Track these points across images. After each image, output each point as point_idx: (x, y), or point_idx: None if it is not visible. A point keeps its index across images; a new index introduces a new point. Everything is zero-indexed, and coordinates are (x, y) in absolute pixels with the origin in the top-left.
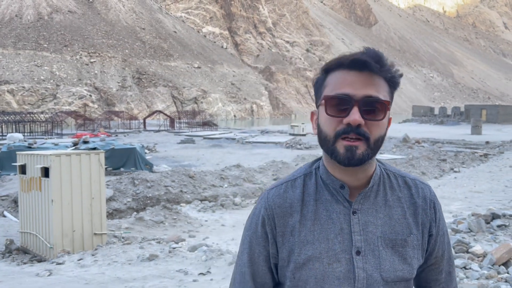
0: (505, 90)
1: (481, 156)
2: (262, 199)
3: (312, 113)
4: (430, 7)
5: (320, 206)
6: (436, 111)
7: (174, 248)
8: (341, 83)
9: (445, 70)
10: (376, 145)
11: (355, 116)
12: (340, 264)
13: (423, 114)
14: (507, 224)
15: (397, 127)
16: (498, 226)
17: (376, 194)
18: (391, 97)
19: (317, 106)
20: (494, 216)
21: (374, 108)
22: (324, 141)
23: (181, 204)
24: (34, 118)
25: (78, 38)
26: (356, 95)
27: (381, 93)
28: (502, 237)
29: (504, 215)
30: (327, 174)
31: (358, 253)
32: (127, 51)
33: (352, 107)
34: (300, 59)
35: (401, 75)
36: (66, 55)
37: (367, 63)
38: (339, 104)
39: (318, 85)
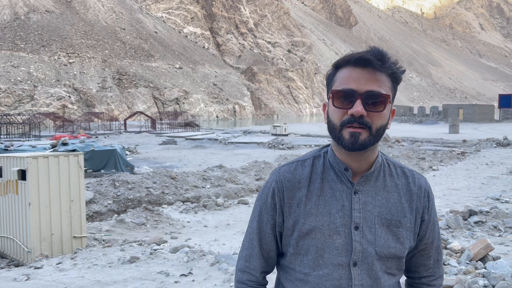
0: (481, 90)
1: (458, 154)
2: (274, 174)
3: (324, 105)
4: (408, 9)
5: (326, 184)
6: (415, 111)
7: (155, 250)
8: (347, 79)
9: (424, 70)
10: (377, 133)
11: (358, 108)
12: (340, 237)
13: (403, 114)
14: (483, 220)
15: None
16: (475, 223)
17: (377, 179)
18: (394, 91)
19: (328, 99)
20: (471, 213)
21: (376, 101)
22: (332, 129)
23: (163, 206)
24: (11, 120)
25: (56, 38)
26: (359, 90)
27: (383, 87)
28: (479, 233)
29: (481, 212)
30: (334, 158)
31: (356, 228)
32: (107, 51)
33: (356, 100)
34: (282, 59)
35: (403, 71)
36: (44, 55)
37: (370, 61)
38: (345, 97)
39: (329, 79)
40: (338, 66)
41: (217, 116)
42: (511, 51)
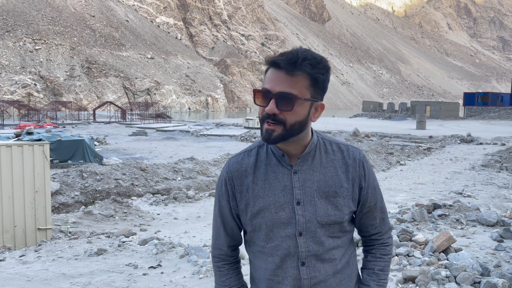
0: (447, 88)
1: (424, 149)
2: (225, 165)
3: None
4: (380, 6)
5: (269, 169)
6: (385, 107)
7: (124, 242)
8: (267, 79)
9: (394, 67)
10: (292, 128)
11: (270, 107)
12: (284, 212)
13: (373, 109)
14: (447, 213)
15: (347, 122)
16: (439, 216)
17: (313, 158)
18: (315, 89)
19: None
20: (435, 206)
21: (286, 101)
22: (259, 121)
23: (132, 198)
24: None
25: (21, 24)
26: (273, 90)
27: (296, 88)
28: (442, 226)
29: (444, 205)
30: (273, 146)
31: (298, 203)
32: (75, 39)
33: (270, 99)
34: (255, 52)
35: (323, 71)
36: (8, 41)
37: (279, 65)
38: (263, 96)
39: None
40: (267, 66)
41: (189, 108)
42: (477, 51)
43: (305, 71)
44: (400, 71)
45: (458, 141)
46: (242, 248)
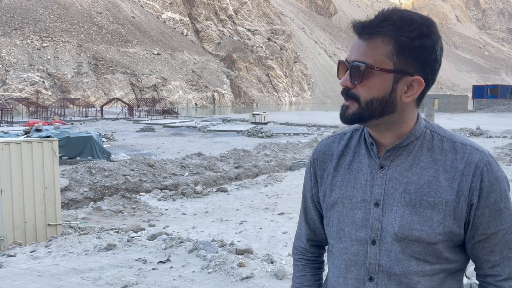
0: (456, 81)
1: None
2: (316, 146)
3: None
4: None
5: (356, 158)
6: None
7: (133, 237)
8: (350, 49)
9: None
10: (369, 107)
11: (343, 80)
12: (360, 211)
13: None
14: None
15: None
16: None
17: (410, 154)
18: (403, 59)
19: None
20: None
21: (356, 72)
22: None
23: (141, 193)
24: None
25: (28, 21)
26: (350, 60)
27: (370, 55)
28: None
29: None
30: (367, 132)
31: (376, 205)
32: (82, 36)
33: (346, 71)
34: (262, 47)
35: (416, 35)
36: (16, 39)
37: (358, 26)
38: (342, 68)
39: None
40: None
41: (196, 104)
42: (486, 43)
43: (385, 34)
44: None
45: (468, 135)
46: None
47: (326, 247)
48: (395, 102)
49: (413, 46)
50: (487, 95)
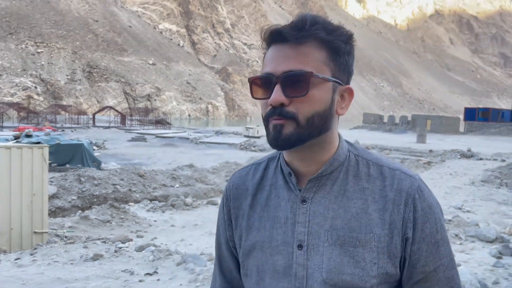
0: (448, 102)
1: (424, 163)
2: (229, 180)
3: None
4: (383, 19)
5: (273, 192)
6: (385, 119)
7: (120, 248)
8: (267, 61)
9: (395, 80)
10: (309, 124)
11: (274, 95)
12: (281, 257)
13: (373, 122)
14: (446, 228)
15: (348, 133)
16: None
17: (334, 183)
18: (337, 64)
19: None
20: None
21: (296, 83)
22: (264, 125)
23: (130, 204)
24: None
25: (24, 26)
26: (276, 72)
27: (309, 63)
28: None
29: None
30: (283, 160)
31: (300, 247)
32: (77, 43)
33: (274, 86)
34: (257, 62)
35: (347, 37)
36: (11, 43)
37: (283, 33)
38: (264, 85)
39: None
40: (267, 46)
41: (189, 115)
42: (478, 66)
43: (318, 38)
44: (401, 84)
45: (458, 156)
46: None
47: None
48: (333, 117)
49: (344, 51)
50: (478, 117)
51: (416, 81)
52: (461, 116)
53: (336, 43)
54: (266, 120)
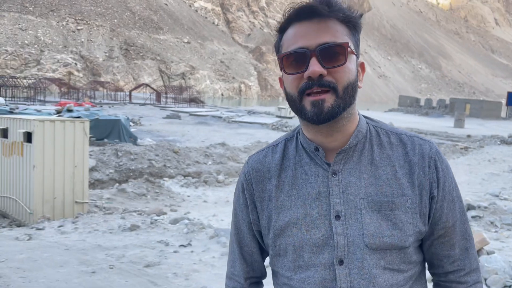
0: (490, 86)
1: (461, 149)
2: (244, 165)
3: (280, 79)
4: None
5: (299, 170)
6: (422, 102)
7: (155, 220)
8: (294, 38)
9: (434, 62)
10: (346, 94)
11: (313, 67)
12: (319, 231)
13: (409, 105)
14: (481, 215)
15: (382, 116)
16: (473, 217)
17: (361, 154)
18: (355, 39)
19: (280, 69)
20: (470, 207)
21: (334, 54)
22: (292, 102)
23: (164, 179)
24: (17, 83)
25: (65, 4)
26: (310, 46)
27: (339, 36)
28: (476, 228)
29: (479, 207)
30: (304, 137)
31: (337, 217)
32: (115, 20)
33: (309, 59)
34: None
35: (360, 15)
36: (52, 20)
37: (314, 8)
38: (296, 60)
39: (276, 48)
40: (282, 28)
41: (222, 94)
42: None
43: (344, 14)
44: (440, 67)
45: (498, 142)
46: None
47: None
48: (357, 88)
49: (360, 27)
50: None
51: (457, 63)
52: (504, 101)
53: (355, 20)
54: (300, 94)
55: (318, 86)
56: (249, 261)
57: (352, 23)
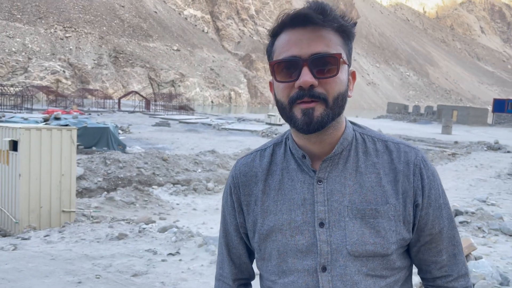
0: (476, 93)
1: (449, 155)
2: (232, 168)
3: (270, 84)
4: (411, 7)
5: (286, 176)
6: (410, 109)
7: (144, 228)
8: (287, 45)
9: (421, 69)
10: (336, 104)
11: (305, 77)
12: (303, 237)
13: (398, 112)
14: (468, 221)
15: (371, 123)
16: (460, 222)
17: (346, 161)
18: (348, 49)
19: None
20: (457, 213)
21: (326, 64)
22: (282, 110)
23: (153, 187)
24: (3, 91)
25: (53, 11)
26: (303, 55)
27: (332, 46)
28: (464, 233)
29: (466, 212)
30: (293, 143)
31: (321, 225)
32: (104, 28)
33: (301, 68)
34: None
35: (354, 24)
36: (40, 27)
37: (308, 16)
38: (288, 68)
39: (268, 52)
40: (275, 33)
41: (212, 101)
42: (509, 56)
43: (338, 23)
44: (428, 74)
45: (485, 148)
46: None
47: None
48: (347, 97)
49: (353, 36)
50: (508, 109)
51: (444, 70)
52: (490, 108)
53: (349, 29)
54: (290, 103)
55: (308, 96)
56: (237, 263)
57: (346, 33)
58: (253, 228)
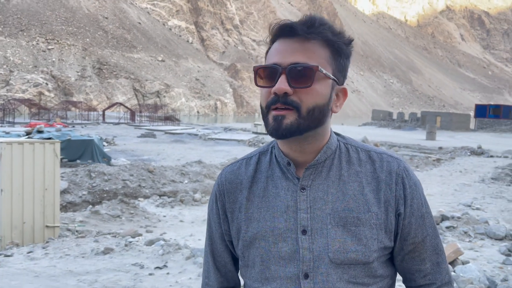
0: (459, 99)
1: (434, 160)
2: (218, 176)
3: None
4: (393, 15)
5: (270, 183)
6: (395, 116)
7: (130, 242)
8: (274, 53)
9: (405, 77)
10: (310, 115)
11: (280, 84)
12: (286, 244)
13: (382, 118)
14: (455, 225)
15: (356, 130)
16: (447, 227)
17: (330, 169)
18: (336, 63)
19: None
20: (443, 218)
21: (302, 75)
22: (262, 114)
23: (139, 199)
24: None
25: (35, 23)
26: (283, 63)
27: (314, 59)
28: (450, 238)
29: (452, 217)
30: (278, 151)
31: (304, 232)
32: (88, 39)
33: (279, 76)
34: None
35: (348, 41)
36: (22, 40)
37: (293, 28)
38: (269, 75)
39: (266, 57)
40: (272, 41)
41: (198, 112)
42: (489, 62)
43: (325, 37)
44: (411, 81)
45: (468, 153)
46: None
47: None
48: (329, 112)
49: (345, 53)
50: (489, 114)
51: (426, 77)
52: (472, 113)
53: (339, 44)
54: (267, 108)
55: (281, 103)
56: (222, 272)
57: (335, 48)
58: (237, 235)
